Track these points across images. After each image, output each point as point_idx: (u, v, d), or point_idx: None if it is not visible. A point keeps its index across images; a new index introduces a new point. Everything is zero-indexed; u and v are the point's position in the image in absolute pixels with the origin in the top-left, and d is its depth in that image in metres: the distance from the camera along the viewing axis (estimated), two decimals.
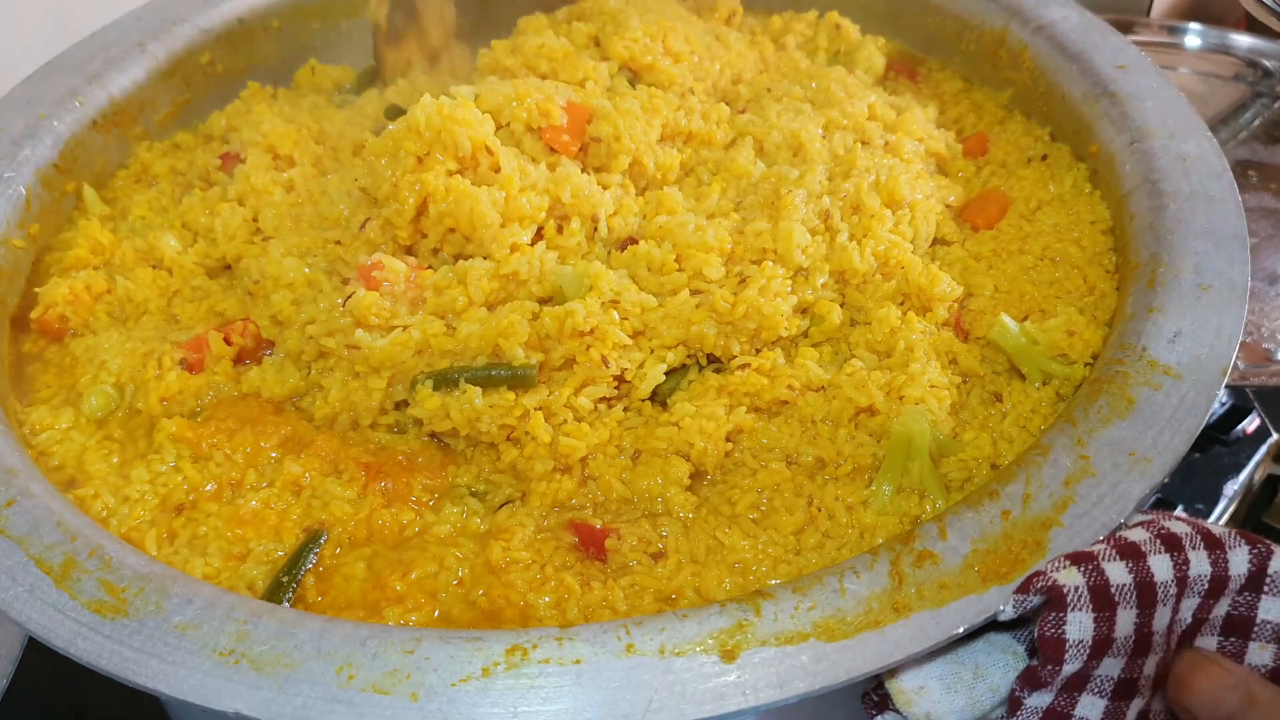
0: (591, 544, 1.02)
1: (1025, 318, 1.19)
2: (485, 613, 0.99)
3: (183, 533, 1.06)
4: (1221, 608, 0.90)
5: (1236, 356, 1.04)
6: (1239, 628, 0.90)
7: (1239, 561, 0.88)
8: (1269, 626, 0.89)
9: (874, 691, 0.92)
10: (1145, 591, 0.86)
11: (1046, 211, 1.33)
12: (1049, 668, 0.85)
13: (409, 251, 1.24)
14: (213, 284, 1.33)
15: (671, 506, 1.06)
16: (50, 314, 1.27)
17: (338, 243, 1.25)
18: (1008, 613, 0.86)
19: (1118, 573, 0.86)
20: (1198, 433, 0.98)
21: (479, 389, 1.09)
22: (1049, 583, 0.85)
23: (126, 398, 1.20)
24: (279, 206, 1.34)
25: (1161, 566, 0.87)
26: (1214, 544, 0.89)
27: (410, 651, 0.86)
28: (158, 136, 1.56)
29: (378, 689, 0.84)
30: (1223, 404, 1.78)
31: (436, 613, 0.99)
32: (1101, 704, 0.89)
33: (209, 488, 1.10)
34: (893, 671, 0.88)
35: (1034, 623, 0.88)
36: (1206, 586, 0.88)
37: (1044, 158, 1.41)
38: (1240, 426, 1.78)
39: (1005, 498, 0.94)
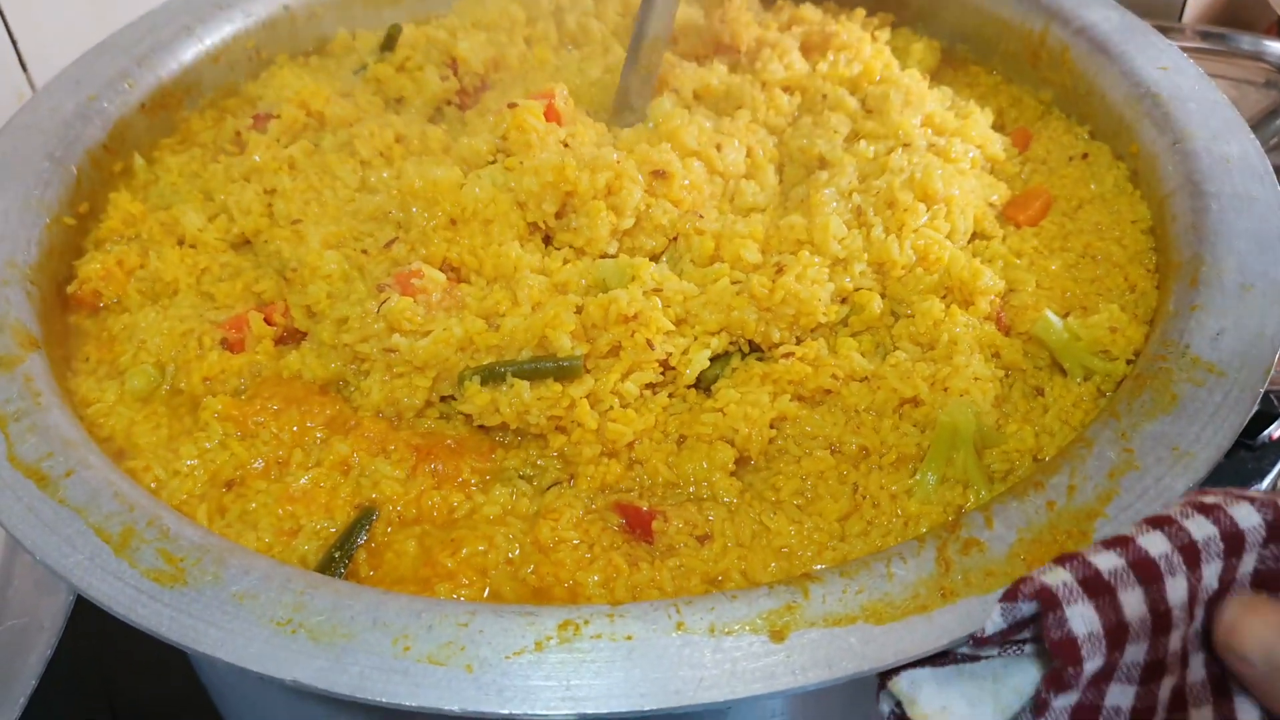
0: (638, 526, 1.04)
1: (1067, 314, 1.20)
2: (535, 590, 1.01)
3: (233, 508, 1.08)
4: (1248, 564, 0.86)
5: None
6: (1270, 581, 0.86)
7: (1245, 515, 0.84)
8: None
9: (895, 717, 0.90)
10: (1143, 569, 0.83)
11: (1088, 210, 1.34)
12: (1070, 670, 0.83)
13: (448, 269, 1.27)
14: (242, 260, 1.35)
15: (716, 491, 1.08)
16: (85, 288, 1.30)
17: (364, 252, 1.27)
18: (996, 622, 0.84)
19: (1106, 560, 0.84)
20: (1241, 429, 0.99)
21: (526, 382, 1.11)
22: (1035, 586, 0.83)
23: (167, 377, 1.22)
24: (290, 194, 1.36)
25: (1154, 542, 0.84)
26: (1209, 508, 0.86)
27: (465, 625, 0.87)
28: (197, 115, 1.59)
29: (433, 660, 0.85)
30: None
31: (486, 590, 1.01)
32: (1131, 690, 0.87)
33: (257, 465, 1.11)
34: (912, 699, 0.87)
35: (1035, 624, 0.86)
36: (1222, 546, 0.84)
37: (1084, 156, 1.41)
38: (1266, 432, 1.78)
39: (1050, 489, 0.96)
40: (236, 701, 1.31)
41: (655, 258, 1.28)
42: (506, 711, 0.83)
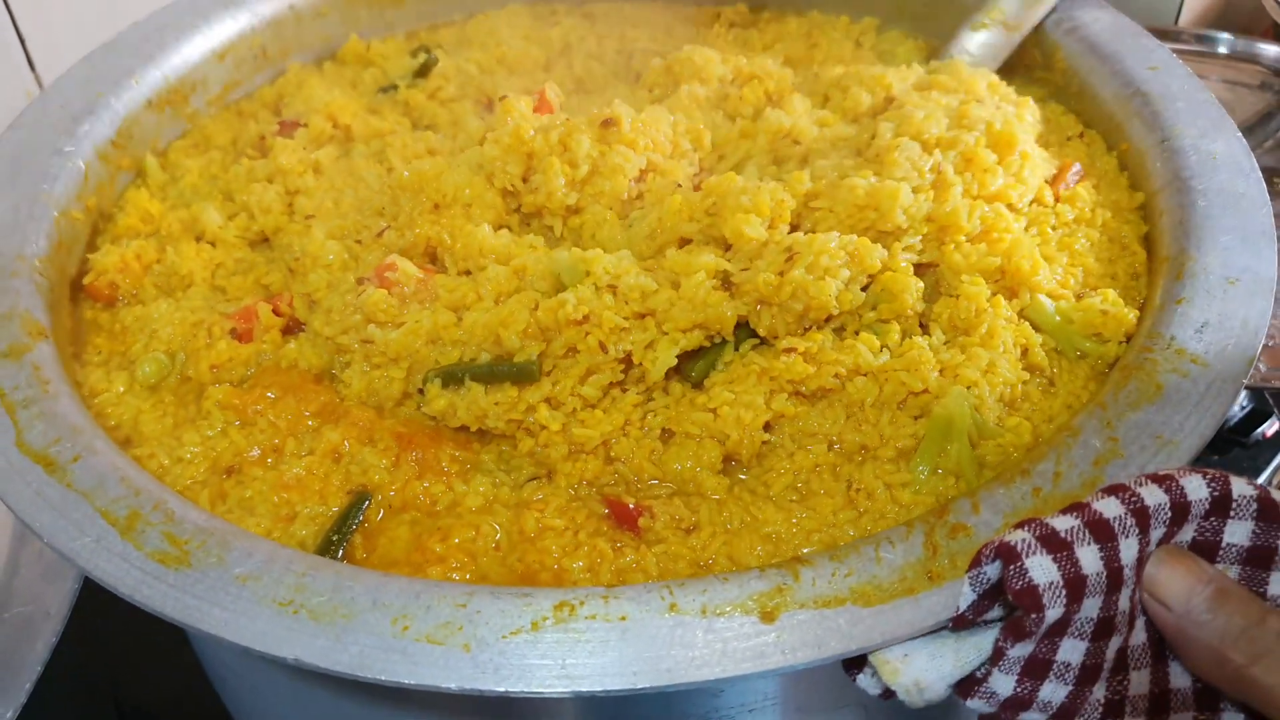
0: (624, 521, 1.05)
1: (1080, 295, 1.20)
2: (522, 576, 1.02)
3: (233, 494, 1.10)
4: (1186, 533, 0.91)
5: (1259, 358, 1.07)
6: (1204, 551, 0.91)
7: (1195, 487, 0.89)
8: (1234, 549, 0.90)
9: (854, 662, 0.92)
10: (1098, 529, 0.86)
11: (1105, 189, 1.34)
12: (1033, 616, 0.85)
13: (431, 259, 1.29)
14: (256, 256, 1.37)
15: (704, 489, 1.07)
16: (101, 280, 1.32)
17: (358, 242, 1.30)
18: (967, 595, 0.87)
19: (1063, 522, 0.87)
20: (1223, 418, 1.01)
21: (482, 386, 1.12)
22: (995, 545, 0.86)
23: (178, 365, 1.24)
24: (313, 192, 1.39)
25: (1109, 506, 0.87)
26: (1162, 478, 0.89)
27: (462, 605, 0.89)
28: (208, 115, 1.61)
29: (431, 640, 0.87)
30: (1243, 407, 1.80)
31: (469, 575, 1.02)
32: (1083, 646, 0.89)
33: (253, 453, 1.13)
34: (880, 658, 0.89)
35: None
36: (1169, 515, 0.88)
37: (1081, 135, 1.44)
38: (1260, 430, 1.80)
39: (1036, 475, 0.98)
40: (239, 688, 1.34)
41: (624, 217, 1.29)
42: (503, 689, 0.85)
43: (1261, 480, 1.74)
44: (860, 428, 1.10)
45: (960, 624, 0.88)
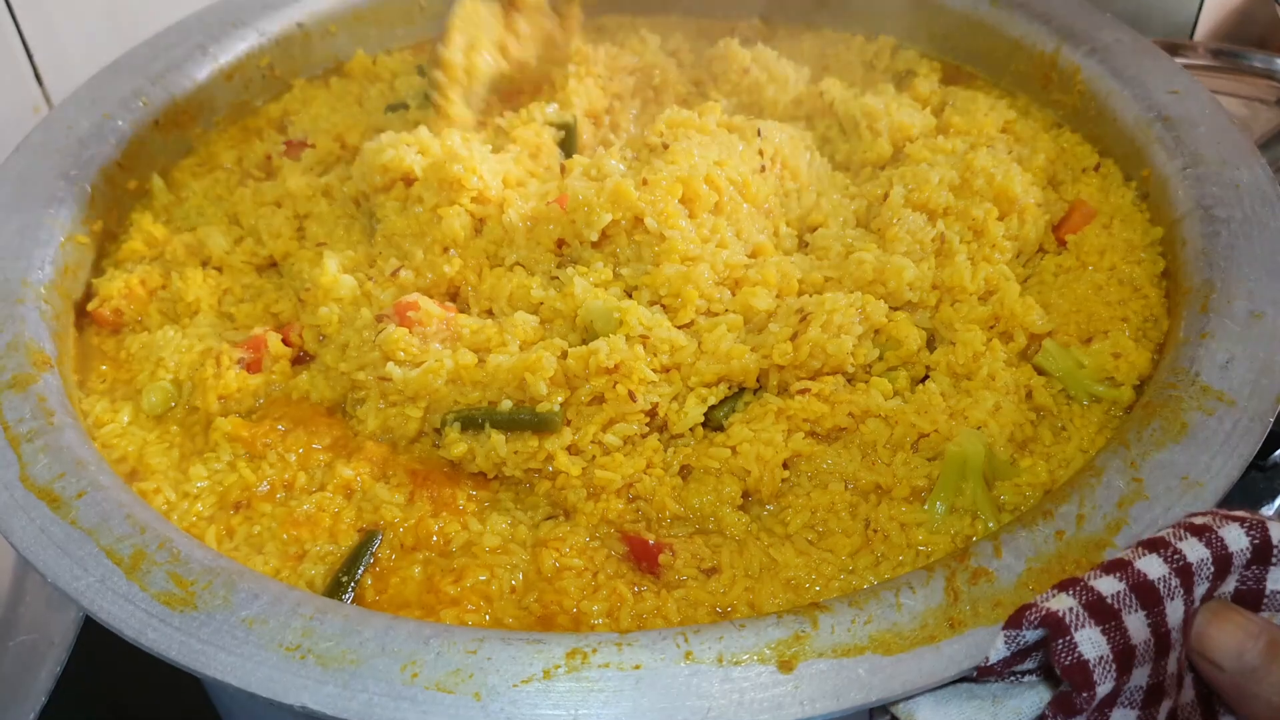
0: (644, 558, 1.03)
1: (1090, 339, 1.19)
2: (539, 618, 1.00)
3: (240, 530, 1.08)
4: (1229, 584, 0.89)
5: None
6: (1248, 601, 0.89)
7: (1235, 538, 0.87)
8: (1279, 596, 0.88)
9: None
10: (1144, 593, 0.85)
11: (1117, 227, 1.32)
12: (1083, 695, 0.83)
13: (451, 298, 1.27)
14: (264, 282, 1.35)
15: (724, 525, 1.06)
16: (105, 307, 1.31)
17: (370, 280, 1.27)
18: (1000, 650, 0.85)
19: (1108, 584, 0.85)
20: (1250, 458, 0.99)
21: (503, 435, 1.10)
22: (1042, 613, 0.84)
23: (184, 395, 1.22)
24: (324, 218, 1.37)
25: (1153, 566, 0.85)
26: (1200, 530, 0.87)
27: (473, 652, 0.87)
28: (213, 133, 1.60)
29: (441, 687, 0.85)
30: None
31: (487, 617, 1.01)
32: (1134, 714, 0.87)
33: (263, 488, 1.12)
34: (910, 716, 0.87)
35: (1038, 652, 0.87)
36: (1212, 570, 0.86)
37: (1097, 168, 1.42)
38: (1277, 453, 1.78)
39: (1059, 518, 0.96)
40: None
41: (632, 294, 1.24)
42: None
43: (1278, 503, 1.73)
44: (874, 467, 1.09)
45: (985, 673, 0.86)
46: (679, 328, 1.17)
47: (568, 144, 1.41)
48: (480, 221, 1.28)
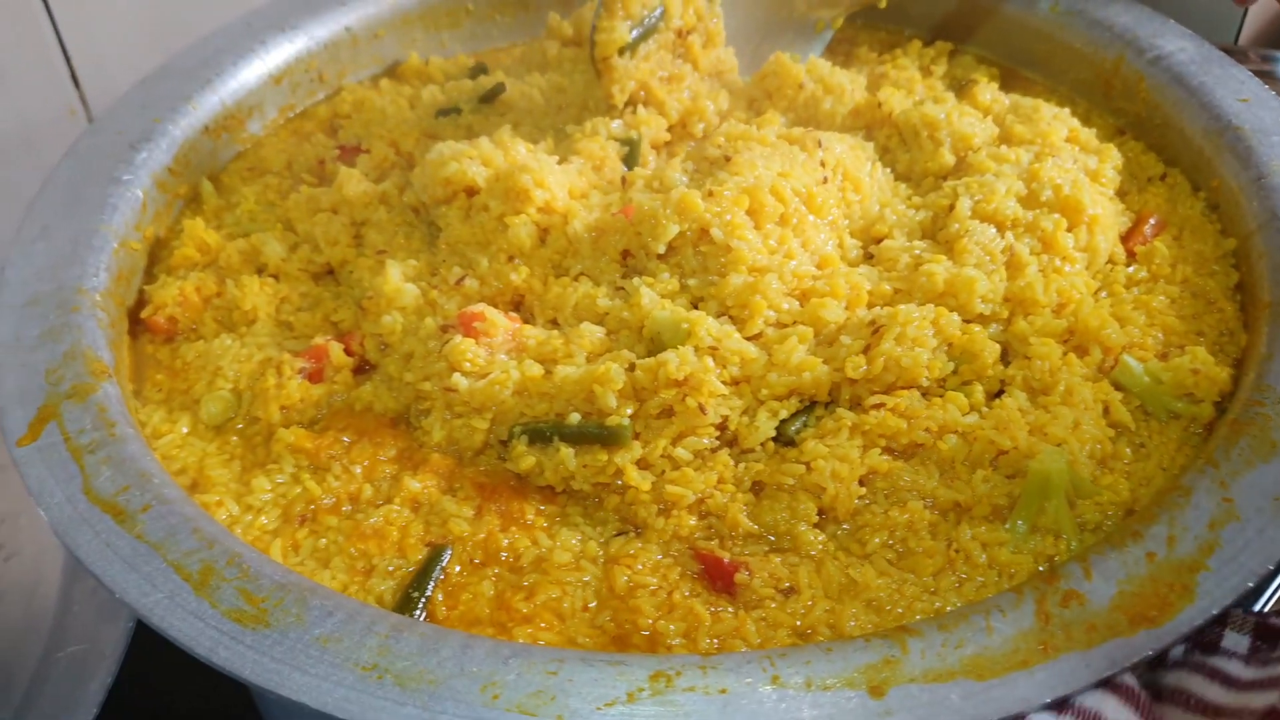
0: (719, 578, 1.01)
1: (1165, 354, 1.17)
2: (613, 638, 0.98)
3: (305, 544, 1.06)
4: None
5: None
6: None
7: None
8: None
9: None
10: None
11: (1188, 238, 1.30)
12: None
13: (515, 307, 1.25)
14: (322, 290, 1.33)
15: (799, 544, 1.04)
16: (160, 314, 1.29)
17: (434, 288, 1.25)
18: None
19: None
20: None
21: (571, 449, 1.08)
22: None
23: (244, 405, 1.20)
24: (384, 225, 1.35)
25: None
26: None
27: (553, 673, 0.85)
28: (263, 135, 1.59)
29: (523, 710, 0.83)
30: None
31: (557, 637, 0.98)
32: None
33: (328, 501, 1.10)
34: None
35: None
36: None
37: (1163, 177, 1.40)
38: None
39: (1149, 539, 0.93)
40: None
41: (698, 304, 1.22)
42: None
43: None
44: (953, 484, 1.06)
45: None
46: (747, 339, 1.15)
47: (631, 158, 1.39)
48: (545, 232, 1.26)
